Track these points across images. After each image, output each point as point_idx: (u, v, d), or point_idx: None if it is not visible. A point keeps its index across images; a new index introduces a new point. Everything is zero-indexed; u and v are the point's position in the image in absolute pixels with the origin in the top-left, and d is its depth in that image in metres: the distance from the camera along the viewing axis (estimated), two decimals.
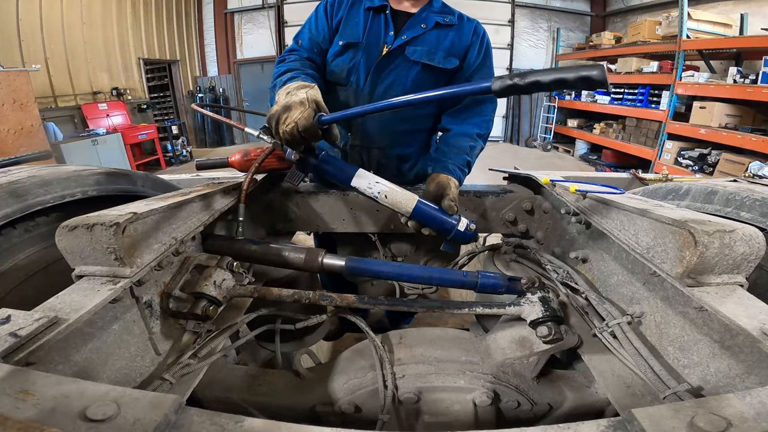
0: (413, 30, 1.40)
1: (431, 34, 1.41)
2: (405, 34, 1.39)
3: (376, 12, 1.42)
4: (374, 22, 1.42)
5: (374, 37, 1.42)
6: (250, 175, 1.11)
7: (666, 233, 0.72)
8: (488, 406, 0.83)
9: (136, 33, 9.04)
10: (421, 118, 1.55)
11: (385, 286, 1.57)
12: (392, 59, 1.41)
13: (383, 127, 1.51)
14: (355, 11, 1.43)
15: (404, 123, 1.52)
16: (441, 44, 1.42)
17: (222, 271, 0.95)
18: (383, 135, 1.53)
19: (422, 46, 1.41)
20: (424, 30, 1.40)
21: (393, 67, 1.42)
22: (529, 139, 10.94)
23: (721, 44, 6.27)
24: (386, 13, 1.41)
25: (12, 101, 5.01)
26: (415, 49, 1.40)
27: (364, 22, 1.42)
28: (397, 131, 1.53)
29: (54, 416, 0.39)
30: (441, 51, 1.42)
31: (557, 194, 1.19)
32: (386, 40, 1.41)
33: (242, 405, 0.89)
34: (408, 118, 1.51)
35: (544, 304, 0.91)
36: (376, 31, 1.42)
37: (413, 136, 1.59)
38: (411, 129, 1.56)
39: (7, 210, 0.89)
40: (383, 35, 1.41)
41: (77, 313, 0.58)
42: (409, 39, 1.40)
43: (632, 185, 1.93)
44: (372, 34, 1.42)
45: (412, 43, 1.40)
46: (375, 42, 1.41)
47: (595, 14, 10.96)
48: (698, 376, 0.70)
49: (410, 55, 1.40)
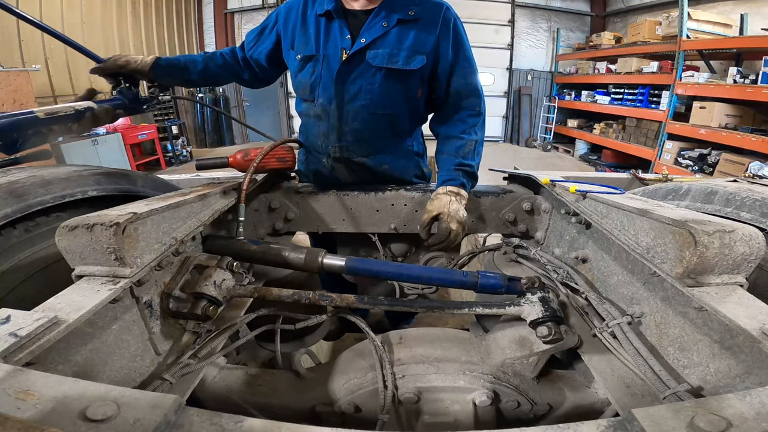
0: (372, 30, 1.25)
1: (392, 33, 1.26)
2: (363, 37, 1.25)
3: (328, 18, 1.28)
4: (329, 29, 1.28)
5: (332, 46, 1.28)
6: (249, 175, 1.12)
7: (666, 233, 0.72)
8: (488, 406, 0.83)
9: (136, 33, 9.03)
10: (396, 120, 1.42)
11: (385, 286, 1.57)
12: (353, 66, 1.27)
13: (361, 137, 1.40)
14: (309, 20, 1.31)
15: (381, 130, 1.41)
16: (403, 42, 1.26)
17: (222, 271, 0.95)
18: (362, 145, 1.42)
19: (384, 48, 1.26)
20: (386, 29, 1.25)
21: (356, 75, 1.29)
22: (529, 139, 10.94)
23: (721, 44, 6.26)
24: (338, 18, 1.27)
25: (12, 101, 5.01)
26: (376, 52, 1.26)
27: (317, 31, 1.29)
28: (376, 138, 1.42)
29: (54, 416, 0.39)
30: (403, 50, 1.26)
31: (557, 194, 1.19)
32: (344, 46, 1.27)
33: (242, 405, 0.89)
34: (383, 125, 1.40)
35: (544, 304, 0.91)
36: (332, 38, 1.28)
37: (393, 141, 1.48)
38: (389, 134, 1.44)
39: (7, 210, 0.89)
40: (340, 41, 1.27)
41: (77, 313, 0.58)
42: (368, 42, 1.25)
43: (632, 185, 1.93)
44: (329, 43, 1.29)
45: (372, 46, 1.25)
46: (333, 51, 1.28)
47: (595, 14, 10.96)
48: (698, 376, 0.70)
49: (371, 61, 1.26)
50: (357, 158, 1.45)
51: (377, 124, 1.38)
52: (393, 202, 1.43)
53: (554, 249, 1.31)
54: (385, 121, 1.39)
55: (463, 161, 1.33)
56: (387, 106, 1.35)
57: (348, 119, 1.35)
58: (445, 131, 1.39)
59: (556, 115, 10.39)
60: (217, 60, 1.52)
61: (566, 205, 1.15)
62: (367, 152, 1.45)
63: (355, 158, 1.44)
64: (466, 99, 1.37)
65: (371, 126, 1.38)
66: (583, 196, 1.05)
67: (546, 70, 11.16)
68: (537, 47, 11.07)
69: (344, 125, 1.36)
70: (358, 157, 1.45)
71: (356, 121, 1.35)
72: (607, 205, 0.94)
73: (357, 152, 1.43)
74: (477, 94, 1.39)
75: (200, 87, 1.73)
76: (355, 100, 1.32)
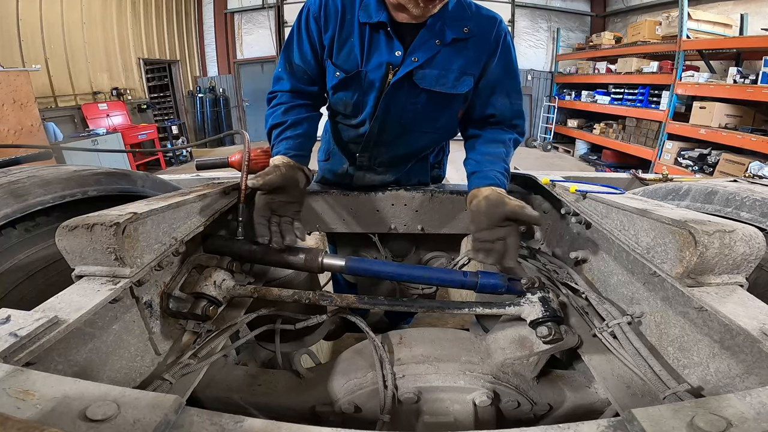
0: (426, 48, 1.10)
1: (443, 52, 1.12)
2: (416, 55, 1.10)
3: (374, 28, 1.12)
4: (374, 40, 1.13)
5: (376, 60, 1.13)
6: (245, 175, 1.11)
7: (666, 233, 0.72)
8: (488, 406, 0.83)
9: (136, 33, 9.04)
10: (435, 139, 1.39)
11: (385, 286, 1.57)
12: (399, 85, 1.14)
13: (395, 153, 1.36)
14: (348, 27, 1.13)
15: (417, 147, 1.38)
16: (453, 62, 1.13)
17: (222, 271, 0.95)
18: (393, 159, 1.39)
19: (432, 69, 1.13)
20: (440, 46, 1.11)
21: (402, 93, 1.17)
22: (529, 139, 10.94)
23: (721, 44, 6.27)
24: (387, 30, 1.10)
25: (12, 101, 5.01)
26: (424, 73, 1.13)
27: (361, 42, 1.13)
28: (411, 154, 1.41)
29: (54, 416, 0.39)
30: (452, 72, 1.14)
31: (557, 194, 1.19)
32: (391, 61, 1.12)
33: (242, 405, 0.89)
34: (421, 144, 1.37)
35: (544, 304, 0.91)
36: (377, 51, 1.13)
37: (422, 157, 1.47)
38: (422, 151, 1.42)
39: (7, 210, 0.89)
40: (387, 55, 1.12)
41: (77, 313, 0.58)
42: (421, 62, 1.11)
43: (632, 185, 1.93)
44: (373, 57, 1.13)
45: (423, 65, 1.12)
46: (377, 65, 1.13)
47: (595, 14, 10.96)
48: (698, 376, 0.70)
49: (419, 82, 1.14)
50: (381, 170, 1.41)
51: (416, 142, 1.34)
52: (393, 202, 1.43)
53: (554, 249, 1.31)
54: (425, 140, 1.35)
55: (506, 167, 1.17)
56: (428, 126, 1.29)
57: (386, 136, 1.29)
58: (492, 135, 1.23)
59: (556, 115, 10.40)
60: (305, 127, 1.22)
61: (566, 205, 1.15)
62: (395, 166, 1.42)
63: (378, 169, 1.41)
64: (507, 120, 1.24)
65: (409, 143, 1.34)
66: (583, 196, 1.05)
67: (546, 70, 11.17)
68: (537, 47, 11.08)
69: (382, 141, 1.30)
70: (383, 169, 1.41)
71: (395, 137, 1.29)
72: (607, 205, 0.93)
73: (385, 165, 1.40)
74: (520, 116, 1.26)
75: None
76: (397, 118, 1.23)
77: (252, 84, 11.14)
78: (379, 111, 1.20)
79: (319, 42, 1.17)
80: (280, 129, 1.17)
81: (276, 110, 1.20)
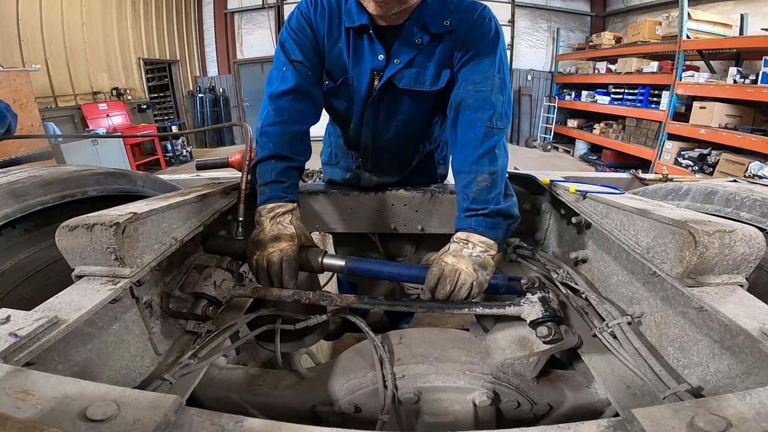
0: (407, 49, 1.08)
1: (425, 49, 1.09)
2: (398, 57, 1.08)
3: (357, 32, 1.09)
4: (358, 45, 1.11)
5: (361, 64, 1.12)
6: (245, 175, 1.11)
7: (666, 233, 0.72)
8: (488, 406, 0.83)
9: (136, 33, 9.04)
10: (430, 138, 1.44)
11: (385, 286, 1.56)
12: (384, 89, 1.14)
13: (391, 156, 1.38)
14: (335, 31, 1.11)
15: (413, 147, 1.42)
16: (431, 57, 1.10)
17: (222, 271, 0.95)
18: (392, 161, 1.41)
19: (412, 68, 1.11)
20: (420, 45, 1.08)
21: (387, 97, 1.17)
22: (529, 139, 10.93)
23: (721, 44, 6.26)
24: (370, 32, 1.07)
25: (12, 101, 5.00)
26: (403, 73, 1.10)
27: (347, 47, 1.11)
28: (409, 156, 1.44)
29: (54, 416, 0.39)
30: (431, 67, 1.10)
31: (557, 194, 1.19)
32: (375, 66, 1.11)
33: (242, 405, 0.89)
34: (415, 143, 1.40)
35: (544, 305, 0.91)
36: (362, 56, 1.12)
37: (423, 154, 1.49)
38: (420, 149, 1.45)
39: (7, 210, 0.89)
40: (370, 60, 1.11)
41: (77, 313, 0.58)
42: (403, 64, 1.09)
43: (632, 185, 1.93)
44: (357, 61, 1.12)
45: (405, 66, 1.10)
46: (364, 71, 1.13)
47: (595, 14, 10.95)
48: (698, 376, 0.70)
49: (397, 83, 1.11)
50: (385, 171, 1.43)
51: (413, 143, 1.37)
52: (393, 202, 1.43)
53: (554, 249, 1.31)
54: (422, 140, 1.39)
55: (467, 206, 1.02)
56: (420, 126, 1.30)
57: (381, 141, 1.31)
58: (456, 167, 1.10)
59: (556, 115, 10.39)
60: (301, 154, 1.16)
61: (566, 205, 1.15)
62: (399, 167, 1.45)
63: (383, 170, 1.43)
64: (473, 112, 1.05)
65: (407, 145, 1.36)
66: (583, 196, 1.05)
67: (546, 70, 11.16)
68: (537, 47, 11.07)
69: (379, 146, 1.32)
70: (387, 170, 1.43)
71: (390, 141, 1.31)
72: (607, 205, 0.93)
73: (388, 166, 1.42)
74: (489, 105, 1.05)
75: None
76: (387, 122, 1.24)
77: (252, 84, 11.13)
78: (368, 117, 1.22)
79: (313, 50, 1.13)
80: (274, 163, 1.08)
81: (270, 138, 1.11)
